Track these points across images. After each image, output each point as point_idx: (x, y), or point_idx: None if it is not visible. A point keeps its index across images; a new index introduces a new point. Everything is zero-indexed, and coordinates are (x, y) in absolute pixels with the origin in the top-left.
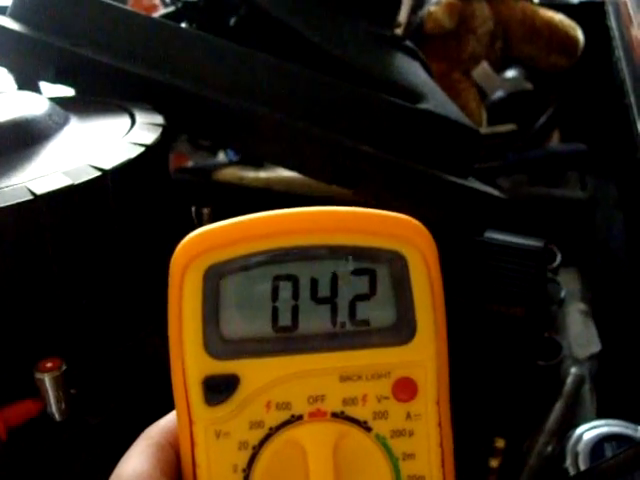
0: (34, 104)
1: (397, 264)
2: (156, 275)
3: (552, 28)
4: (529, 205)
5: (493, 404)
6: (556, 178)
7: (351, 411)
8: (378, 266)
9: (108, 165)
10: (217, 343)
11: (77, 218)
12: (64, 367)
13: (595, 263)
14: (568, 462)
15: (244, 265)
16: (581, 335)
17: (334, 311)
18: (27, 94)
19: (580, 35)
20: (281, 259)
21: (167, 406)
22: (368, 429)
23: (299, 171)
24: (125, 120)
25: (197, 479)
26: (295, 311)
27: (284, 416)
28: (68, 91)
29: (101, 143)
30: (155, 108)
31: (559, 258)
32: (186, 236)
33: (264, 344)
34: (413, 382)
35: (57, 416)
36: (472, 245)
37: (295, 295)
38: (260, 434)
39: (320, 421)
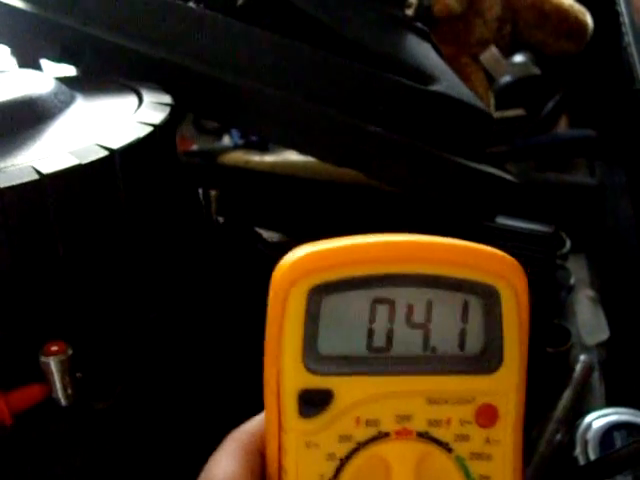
0: (39, 83)
1: (490, 298)
2: (164, 257)
3: (561, 13)
4: (538, 191)
5: None
6: (564, 164)
7: (435, 432)
8: (472, 298)
9: (116, 145)
10: (315, 359)
11: (84, 198)
12: (70, 351)
13: (604, 249)
14: (577, 450)
15: (345, 287)
16: (590, 322)
17: (426, 336)
18: (32, 72)
19: (589, 20)
20: (380, 283)
21: (175, 392)
22: (449, 450)
23: (308, 153)
24: (132, 99)
25: None
26: (390, 333)
27: (372, 432)
28: (70, 70)
29: (108, 122)
30: (163, 88)
31: (568, 244)
32: (289, 254)
33: (359, 363)
34: (495, 409)
35: (63, 401)
36: (481, 230)
37: (391, 318)
38: (348, 447)
39: (406, 439)
